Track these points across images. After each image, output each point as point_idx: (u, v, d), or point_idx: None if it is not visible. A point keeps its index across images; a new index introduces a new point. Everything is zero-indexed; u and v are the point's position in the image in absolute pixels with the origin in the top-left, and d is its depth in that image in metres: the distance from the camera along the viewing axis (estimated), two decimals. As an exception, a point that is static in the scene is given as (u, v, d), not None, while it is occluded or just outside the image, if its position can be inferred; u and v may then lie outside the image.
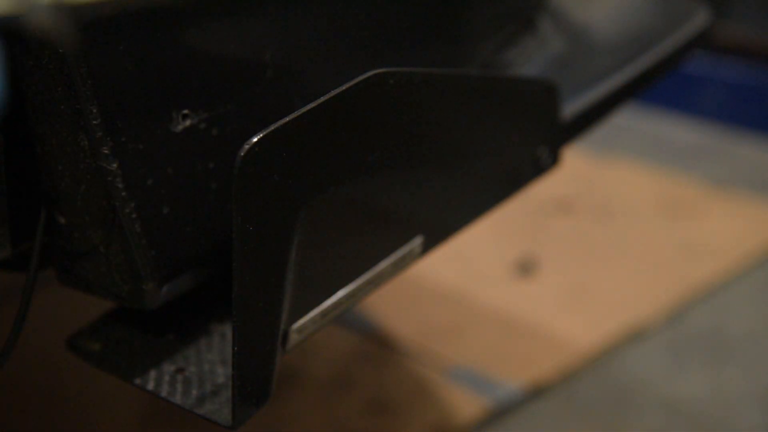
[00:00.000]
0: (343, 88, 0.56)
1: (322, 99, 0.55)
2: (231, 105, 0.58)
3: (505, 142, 0.75)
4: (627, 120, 2.00)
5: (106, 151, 0.52)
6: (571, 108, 0.82)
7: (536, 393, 1.23)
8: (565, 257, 1.53)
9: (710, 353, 1.33)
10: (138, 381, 0.61)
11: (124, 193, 0.53)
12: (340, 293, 0.63)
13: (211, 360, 0.63)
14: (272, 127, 0.52)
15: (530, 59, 0.88)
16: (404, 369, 1.27)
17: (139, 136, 0.53)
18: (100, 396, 1.15)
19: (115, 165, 0.52)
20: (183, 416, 1.09)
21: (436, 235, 0.70)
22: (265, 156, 0.52)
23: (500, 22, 0.85)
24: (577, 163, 1.75)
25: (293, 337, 0.60)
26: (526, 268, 1.49)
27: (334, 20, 0.64)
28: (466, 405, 1.20)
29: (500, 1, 0.85)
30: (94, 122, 0.51)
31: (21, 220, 0.57)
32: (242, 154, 0.51)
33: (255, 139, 0.52)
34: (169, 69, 0.54)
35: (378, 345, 1.31)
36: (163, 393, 0.60)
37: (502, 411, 1.20)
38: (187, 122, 0.56)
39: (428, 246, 0.69)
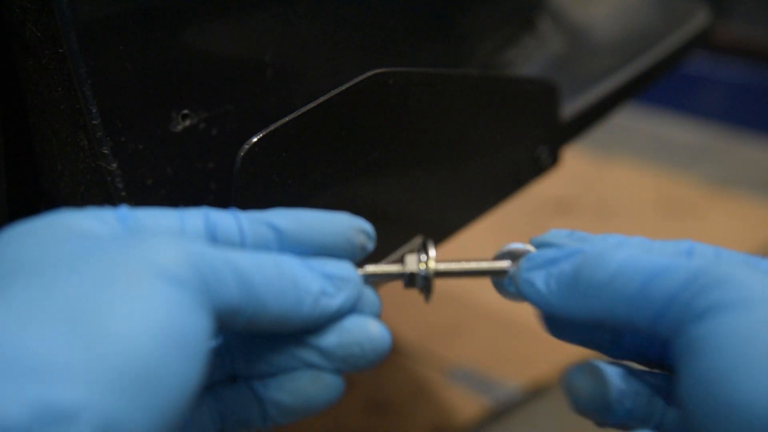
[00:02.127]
0: (343, 87, 0.56)
1: (322, 99, 0.55)
2: (231, 105, 0.58)
3: (505, 142, 0.75)
4: (627, 120, 2.00)
5: (105, 151, 0.52)
6: (571, 108, 0.82)
7: (536, 393, 1.23)
8: (565, 257, 1.53)
9: (710, 353, 1.32)
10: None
11: (123, 193, 0.53)
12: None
13: (211, 360, 0.63)
14: (272, 127, 0.53)
15: (530, 59, 0.88)
16: (404, 369, 1.27)
17: (138, 136, 0.53)
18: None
19: (114, 165, 0.52)
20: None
21: (436, 235, 0.70)
22: (265, 156, 0.52)
23: (500, 22, 0.85)
24: (577, 163, 1.75)
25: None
26: (526, 268, 1.49)
27: (333, 20, 0.64)
28: (466, 405, 1.20)
29: (500, 1, 0.85)
30: (94, 122, 0.51)
31: (21, 220, 0.57)
32: (242, 154, 0.51)
33: (255, 139, 0.52)
34: (169, 69, 0.54)
35: (378, 345, 1.30)
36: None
37: (502, 411, 1.20)
38: (187, 122, 0.56)
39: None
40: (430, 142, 0.66)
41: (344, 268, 0.43)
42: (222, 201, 0.60)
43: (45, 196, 0.56)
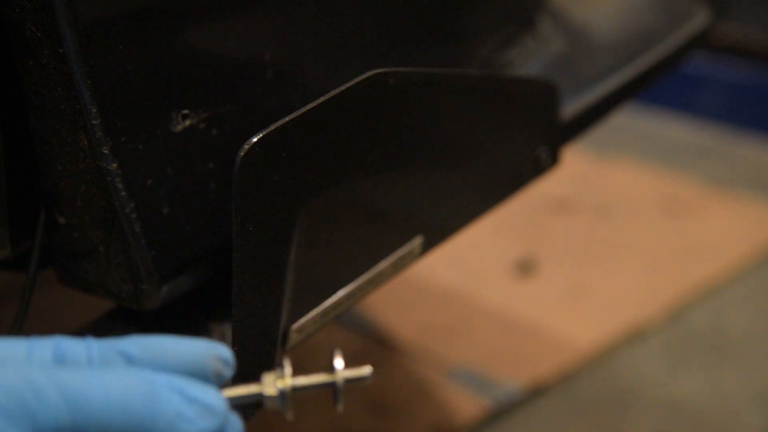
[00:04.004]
0: (343, 88, 0.56)
1: (322, 99, 0.55)
2: (231, 105, 0.58)
3: (505, 142, 0.75)
4: (627, 120, 2.00)
5: (105, 151, 0.52)
6: (571, 108, 0.82)
7: (536, 393, 1.23)
8: (565, 257, 1.53)
9: (710, 353, 1.33)
10: (138, 381, 0.61)
11: (123, 193, 0.53)
12: (340, 293, 0.63)
13: (211, 360, 0.63)
14: (272, 127, 0.52)
15: (530, 59, 0.88)
16: (404, 369, 1.27)
17: (138, 136, 0.53)
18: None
19: (114, 165, 0.52)
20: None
21: (436, 235, 0.70)
22: (265, 156, 0.52)
23: (500, 22, 0.85)
24: (577, 163, 1.75)
25: (293, 337, 0.60)
26: (526, 268, 1.49)
27: (333, 20, 0.64)
28: (466, 405, 1.20)
29: (500, 1, 0.85)
30: (94, 122, 0.51)
31: (21, 220, 0.57)
32: (242, 154, 0.51)
33: (255, 139, 0.52)
34: (169, 69, 0.54)
35: (378, 345, 1.31)
36: (163, 393, 0.60)
37: (502, 411, 1.20)
38: (187, 122, 0.56)
39: (428, 246, 0.69)
40: (430, 143, 0.66)
41: (209, 395, 0.41)
42: (222, 201, 0.60)
43: (45, 196, 0.56)
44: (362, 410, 1.17)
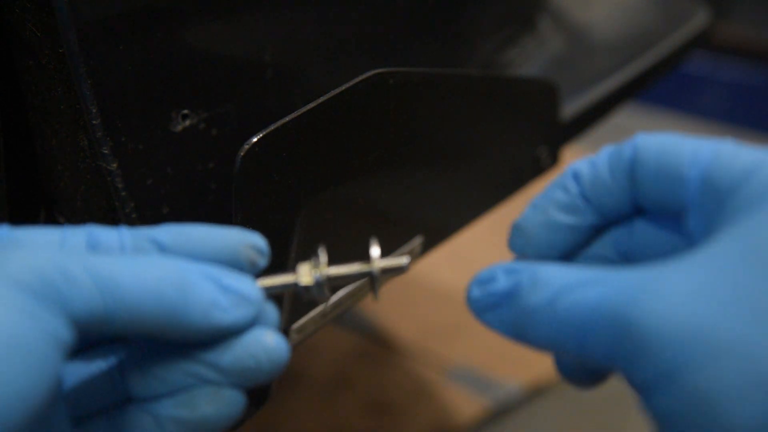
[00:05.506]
0: (343, 87, 0.56)
1: (322, 99, 0.55)
2: (231, 105, 0.58)
3: (505, 142, 0.75)
4: (627, 120, 2.00)
5: (105, 151, 0.52)
6: (571, 108, 0.82)
7: (536, 393, 1.23)
8: (565, 257, 1.53)
9: (710, 353, 1.32)
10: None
11: (124, 193, 0.53)
12: (340, 293, 0.63)
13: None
14: (272, 127, 0.52)
15: (530, 59, 0.88)
16: (404, 369, 1.27)
17: (138, 136, 0.53)
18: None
19: (114, 165, 0.52)
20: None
21: (436, 235, 0.70)
22: (265, 156, 0.52)
23: (500, 22, 0.85)
24: (577, 163, 1.75)
25: (293, 337, 0.60)
26: (526, 268, 1.49)
27: (334, 20, 0.64)
28: (466, 405, 1.20)
29: (500, 1, 0.85)
30: (94, 122, 0.51)
31: (21, 220, 0.57)
32: (242, 154, 0.51)
33: (255, 139, 0.52)
34: (169, 69, 0.54)
35: (378, 345, 1.31)
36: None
37: (502, 411, 1.20)
38: (187, 122, 0.56)
39: (428, 246, 0.69)
40: (430, 142, 0.66)
41: (244, 284, 0.40)
42: (222, 201, 0.60)
43: (45, 196, 0.56)
44: (362, 410, 1.18)
